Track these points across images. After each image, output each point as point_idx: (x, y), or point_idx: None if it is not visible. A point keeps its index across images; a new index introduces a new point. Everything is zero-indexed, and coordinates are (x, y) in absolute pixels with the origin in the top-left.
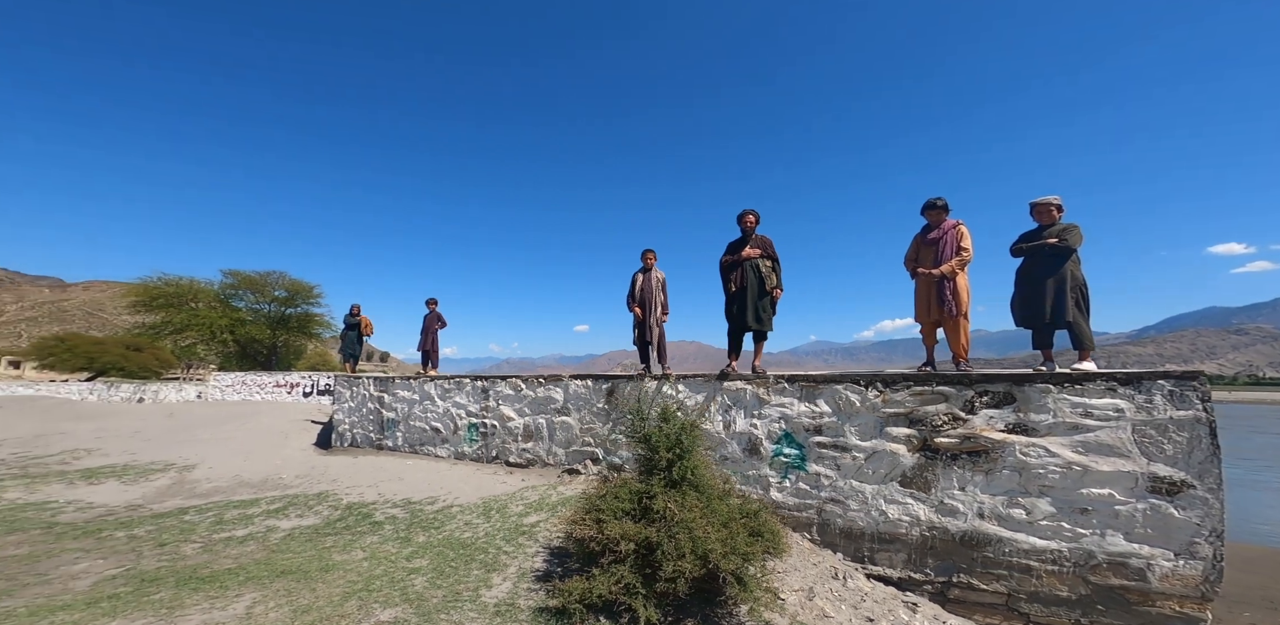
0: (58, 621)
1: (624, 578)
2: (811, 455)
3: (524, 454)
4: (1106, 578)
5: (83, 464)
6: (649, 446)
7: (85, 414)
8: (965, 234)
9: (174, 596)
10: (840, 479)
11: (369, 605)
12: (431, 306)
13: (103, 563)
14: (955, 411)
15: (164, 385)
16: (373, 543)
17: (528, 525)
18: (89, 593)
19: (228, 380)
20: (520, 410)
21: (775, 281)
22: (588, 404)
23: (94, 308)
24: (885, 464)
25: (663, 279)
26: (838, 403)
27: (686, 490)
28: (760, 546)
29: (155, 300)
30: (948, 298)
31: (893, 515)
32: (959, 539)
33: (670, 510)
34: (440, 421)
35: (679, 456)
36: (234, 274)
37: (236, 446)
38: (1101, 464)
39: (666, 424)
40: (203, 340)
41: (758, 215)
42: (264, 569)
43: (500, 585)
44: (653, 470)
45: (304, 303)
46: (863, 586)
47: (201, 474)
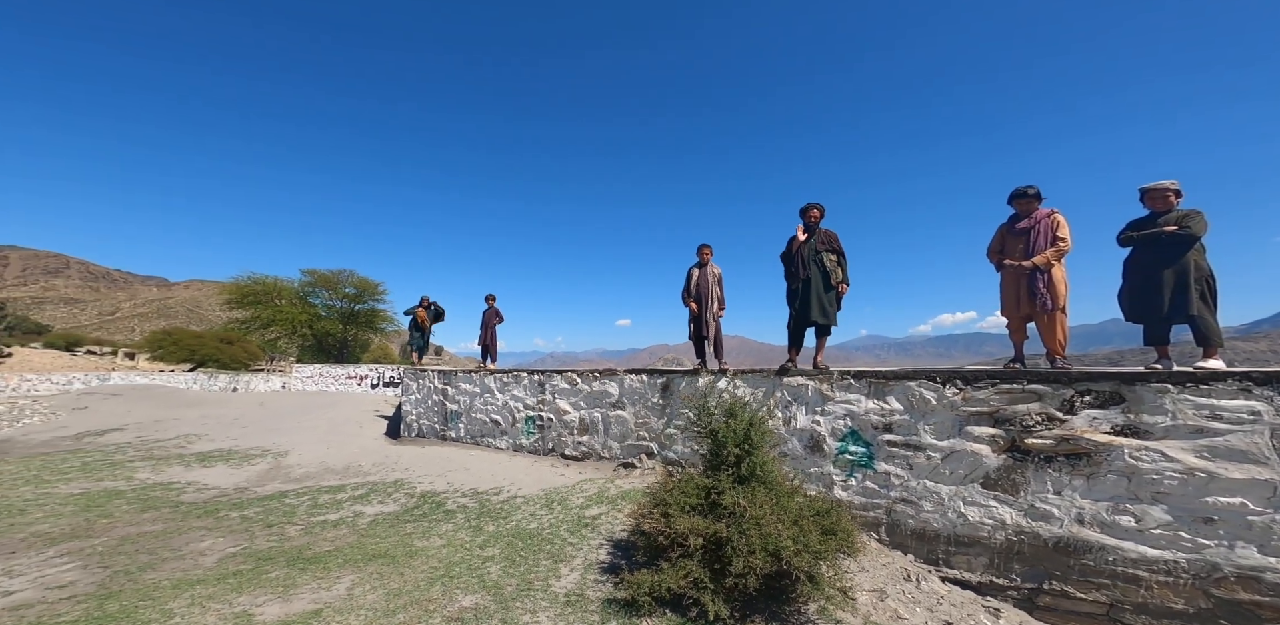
0: (196, 595)
1: (692, 572)
2: (880, 454)
3: (579, 447)
4: (1234, 592)
5: (195, 448)
6: (716, 442)
7: (191, 402)
8: (1062, 223)
9: (287, 575)
10: (912, 479)
11: (452, 591)
12: (490, 302)
13: (223, 541)
14: (1051, 411)
15: (254, 376)
16: (448, 531)
17: (589, 518)
18: (216, 569)
19: (307, 372)
20: (575, 404)
21: (840, 276)
22: (642, 399)
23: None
24: (965, 464)
25: (719, 274)
26: (910, 400)
27: (755, 486)
28: (833, 545)
29: (246, 298)
30: (1041, 290)
31: (973, 518)
32: (1052, 545)
33: (741, 506)
34: (499, 414)
35: (747, 452)
36: (311, 272)
37: (319, 435)
38: (1232, 471)
39: (733, 419)
40: (285, 334)
41: (823, 209)
42: (357, 552)
43: (569, 576)
44: (719, 466)
45: (370, 299)
46: (938, 589)
47: (294, 460)
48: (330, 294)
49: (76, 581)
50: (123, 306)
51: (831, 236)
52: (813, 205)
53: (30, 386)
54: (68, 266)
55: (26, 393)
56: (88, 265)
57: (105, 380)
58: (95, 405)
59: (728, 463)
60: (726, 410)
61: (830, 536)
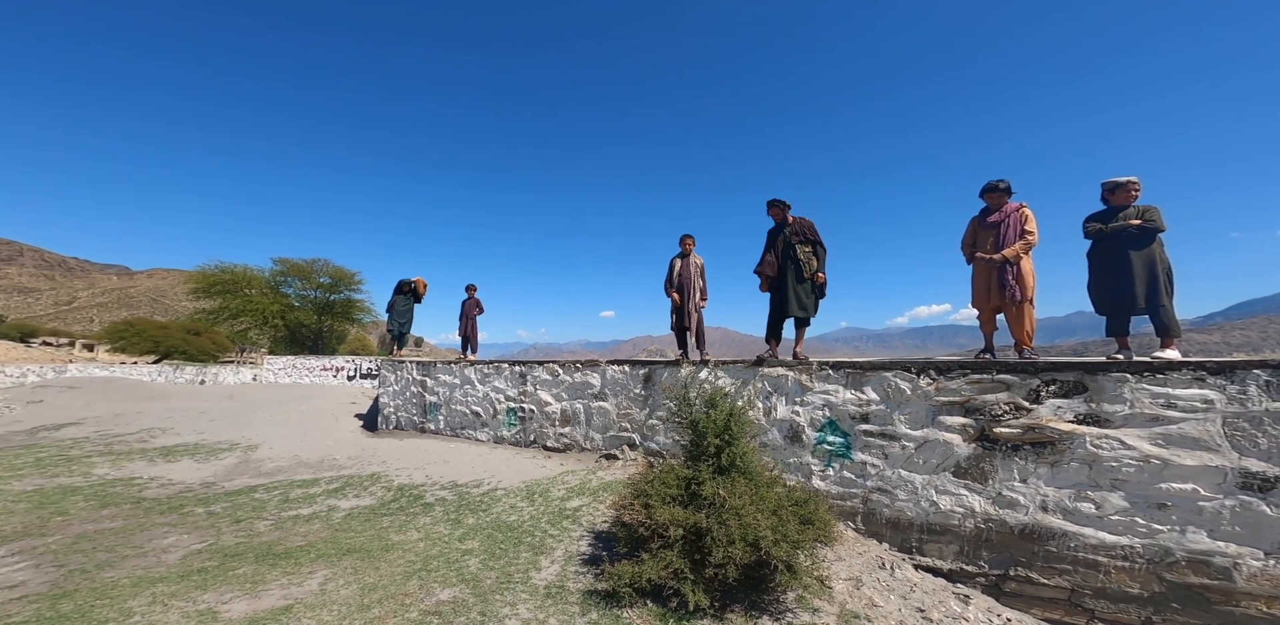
0: (158, 593)
1: (673, 563)
2: (857, 444)
3: (561, 439)
4: (1185, 576)
5: (159, 442)
6: (696, 432)
7: (155, 394)
8: (1030, 217)
9: (255, 572)
10: (888, 468)
11: (429, 585)
12: (470, 292)
13: (187, 537)
14: (1018, 401)
15: (223, 368)
16: (426, 524)
17: (570, 509)
18: (180, 566)
19: (279, 364)
20: (558, 395)
21: (816, 266)
22: (625, 390)
23: (158, 294)
24: (938, 454)
25: (701, 264)
26: (886, 390)
27: (735, 477)
28: (810, 534)
29: (213, 287)
30: (1010, 283)
31: (945, 506)
32: (1018, 532)
33: (720, 496)
34: (480, 406)
35: (727, 443)
36: (283, 262)
37: (293, 428)
38: (1185, 458)
39: (714, 410)
40: (256, 325)
41: (784, 205)
42: (331, 547)
43: (549, 568)
44: (700, 456)
45: (346, 289)
46: (911, 577)
47: (264, 454)
48: (304, 284)
49: (28, 581)
50: (80, 296)
51: (806, 226)
52: (774, 202)
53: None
54: (21, 254)
55: None
56: (42, 253)
57: (62, 372)
58: (51, 398)
59: (708, 453)
60: (707, 400)
61: (808, 526)
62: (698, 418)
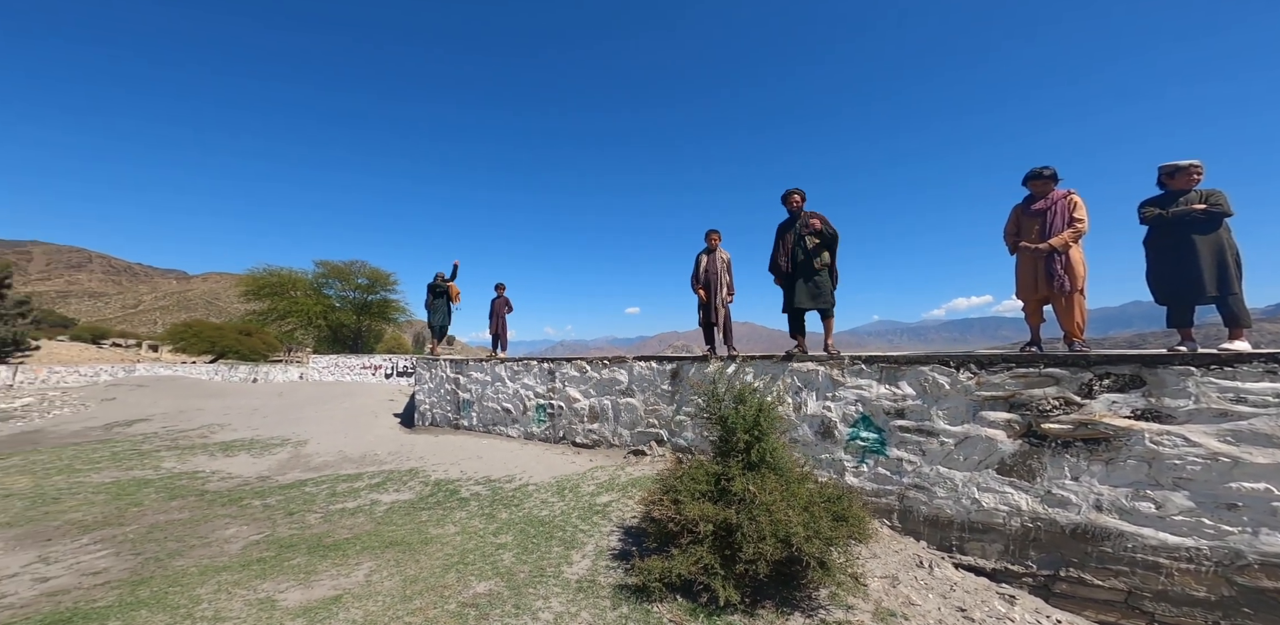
0: (223, 581)
1: (703, 558)
2: (892, 440)
3: (590, 435)
4: (1258, 580)
5: (218, 438)
6: (725, 428)
7: (213, 392)
8: (1079, 204)
9: (307, 563)
10: (925, 465)
11: (466, 577)
12: (500, 291)
13: (246, 529)
14: (1068, 395)
15: (273, 367)
16: (462, 518)
17: (600, 505)
18: (240, 556)
19: (323, 362)
20: (585, 391)
21: (826, 259)
22: (652, 386)
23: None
24: (980, 450)
25: (728, 259)
26: (923, 385)
27: (765, 473)
28: (844, 531)
29: (262, 290)
30: (1059, 272)
31: (988, 504)
32: (1069, 532)
33: (751, 492)
34: (510, 402)
35: (757, 438)
36: (324, 264)
37: (337, 424)
38: (1257, 456)
39: (743, 405)
40: (301, 325)
41: (803, 193)
42: (375, 540)
43: (580, 562)
44: (729, 452)
45: (382, 289)
46: (951, 576)
47: (312, 449)
48: (343, 285)
49: (110, 568)
50: (144, 299)
51: (815, 217)
52: (792, 191)
53: (59, 378)
54: (90, 261)
55: (55, 384)
56: (109, 259)
57: (131, 372)
58: (122, 396)
59: (737, 449)
60: (736, 396)
61: (841, 523)
62: (726, 413)
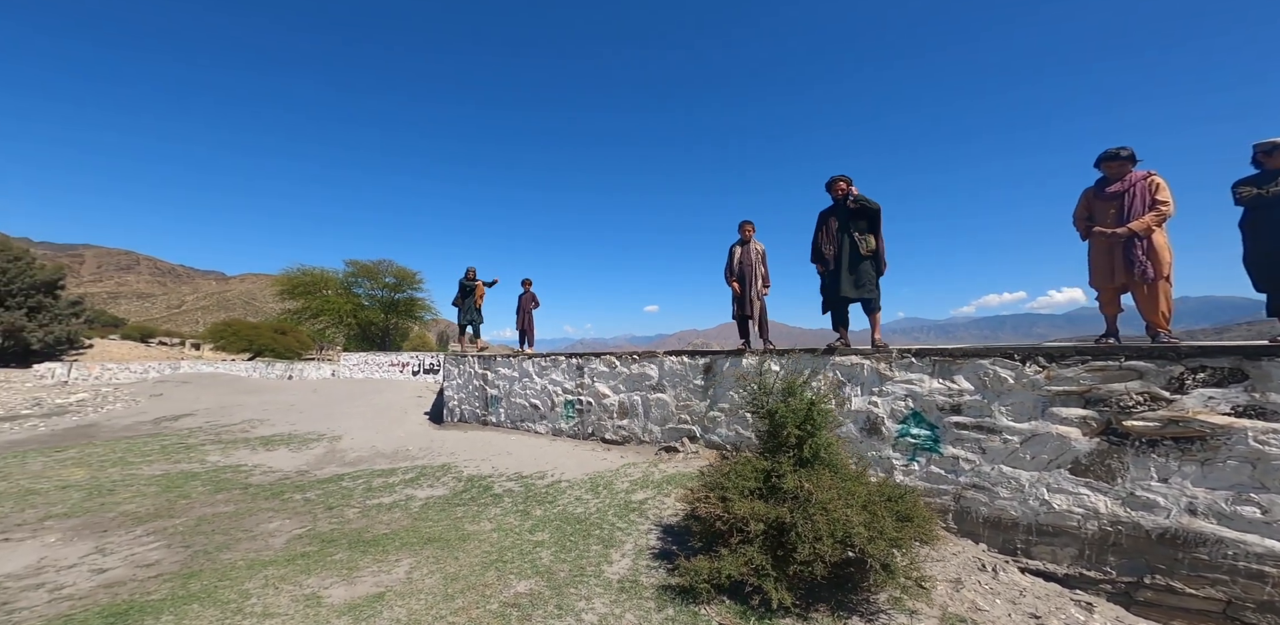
0: (269, 576)
1: (754, 559)
2: (947, 437)
3: (619, 431)
4: None
5: (258, 433)
6: (774, 422)
7: (252, 389)
8: (1162, 185)
9: (349, 558)
10: (985, 463)
11: (506, 576)
12: (526, 286)
13: (289, 522)
14: (1155, 390)
15: (306, 364)
16: (497, 515)
17: (636, 502)
18: (285, 550)
19: (354, 360)
20: (615, 387)
21: (872, 244)
22: (684, 381)
23: (250, 297)
24: (1049, 448)
25: (762, 251)
26: (982, 379)
27: (819, 469)
28: (909, 532)
29: (296, 289)
30: (1140, 259)
31: (1059, 506)
32: (1156, 537)
33: (805, 490)
34: (538, 398)
35: (809, 434)
36: (353, 263)
37: (369, 420)
38: None
39: (793, 398)
40: (333, 324)
41: (849, 180)
42: (413, 536)
43: (620, 561)
44: (778, 448)
45: (409, 288)
46: (1018, 581)
47: (347, 444)
48: (371, 283)
49: (162, 560)
50: (187, 300)
51: (861, 199)
52: (838, 178)
53: (111, 375)
54: (138, 263)
55: (109, 381)
56: (155, 261)
57: (176, 368)
58: (169, 392)
59: (788, 444)
60: (785, 389)
61: (906, 523)
62: (775, 407)
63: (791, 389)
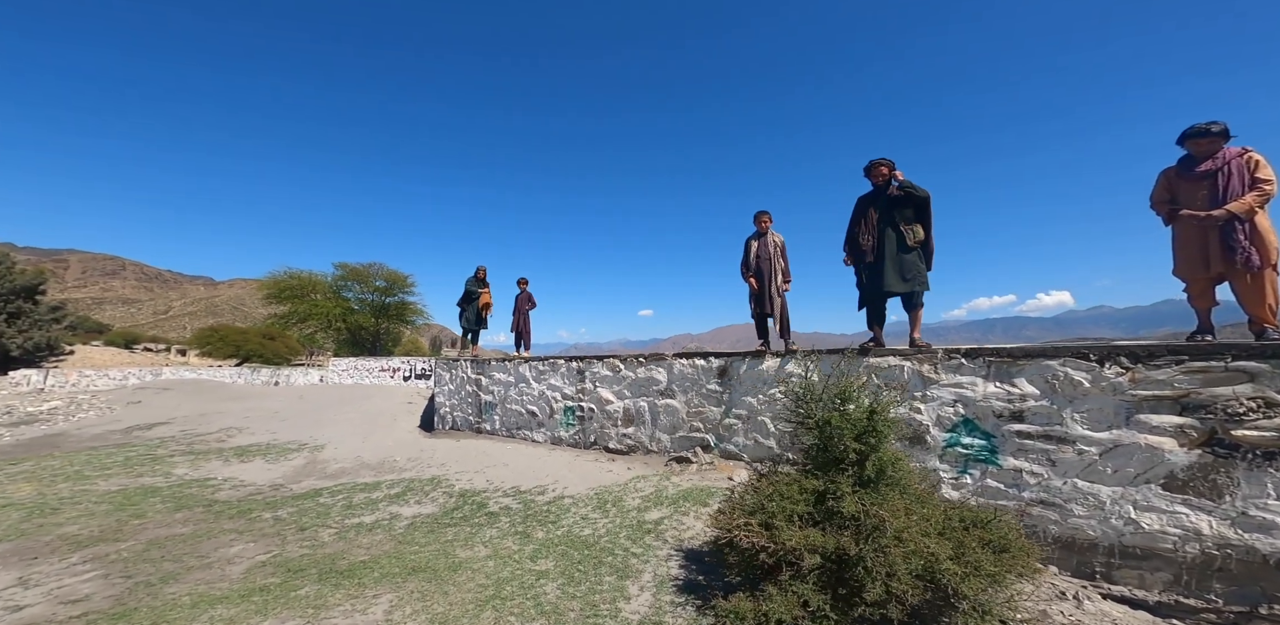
0: (216, 616)
1: (809, 599)
2: (1006, 447)
3: (624, 440)
4: None
5: (235, 442)
6: (825, 434)
7: (236, 395)
8: (1262, 162)
9: (317, 593)
10: (1056, 477)
11: (505, 617)
12: (522, 286)
13: (253, 546)
14: (1271, 395)
15: (294, 370)
16: (492, 537)
17: (650, 522)
18: (242, 582)
19: (342, 365)
20: (619, 393)
21: (921, 233)
22: (696, 385)
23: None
24: (1136, 461)
25: (781, 243)
26: (1050, 382)
27: (885, 491)
28: (1006, 566)
29: (283, 293)
30: (1242, 244)
31: (1150, 526)
32: (1276, 562)
33: (876, 516)
34: (536, 405)
35: (871, 448)
36: (342, 266)
37: (355, 428)
38: None
39: (849, 405)
40: (321, 328)
41: (891, 165)
42: (395, 564)
43: (639, 597)
44: (830, 464)
45: (400, 292)
46: (1106, 610)
47: (329, 455)
48: (361, 287)
49: (93, 594)
50: (174, 305)
51: (908, 185)
52: (879, 162)
53: (89, 382)
54: (124, 268)
55: (85, 388)
56: (142, 267)
57: (158, 375)
58: (148, 399)
59: (847, 460)
60: (839, 393)
61: (1002, 554)
62: (828, 417)
63: (846, 395)
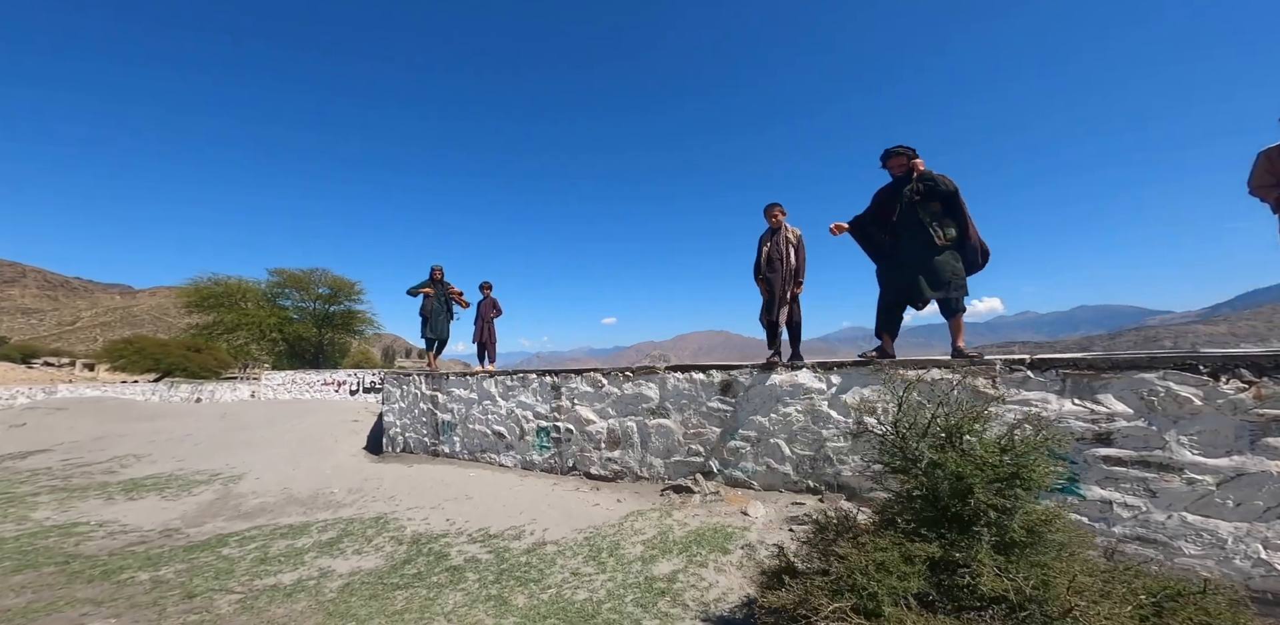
0: None
1: None
2: (1090, 475)
3: (609, 465)
4: None
5: (129, 473)
6: (933, 481)
7: (145, 415)
8: None
9: None
10: (1157, 510)
11: None
12: (486, 291)
13: (114, 623)
14: None
15: (220, 385)
16: (458, 605)
17: (661, 579)
18: None
19: (279, 379)
20: (602, 411)
21: (952, 233)
22: (694, 402)
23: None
24: (1268, 493)
25: (798, 236)
26: (1147, 399)
27: (1042, 558)
28: None
29: (206, 300)
30: None
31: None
32: None
33: (1075, 605)
34: (503, 425)
35: (1015, 502)
36: (279, 272)
37: (286, 451)
38: None
39: (971, 441)
40: (253, 339)
41: (913, 152)
42: None
43: None
44: (945, 521)
45: (347, 299)
46: None
47: (248, 486)
48: (302, 295)
49: None
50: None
51: (936, 181)
52: (898, 151)
53: None
54: (24, 276)
55: None
56: (45, 274)
57: (52, 393)
58: (37, 421)
59: (980, 521)
60: (949, 427)
61: None
62: (943, 459)
63: (961, 427)
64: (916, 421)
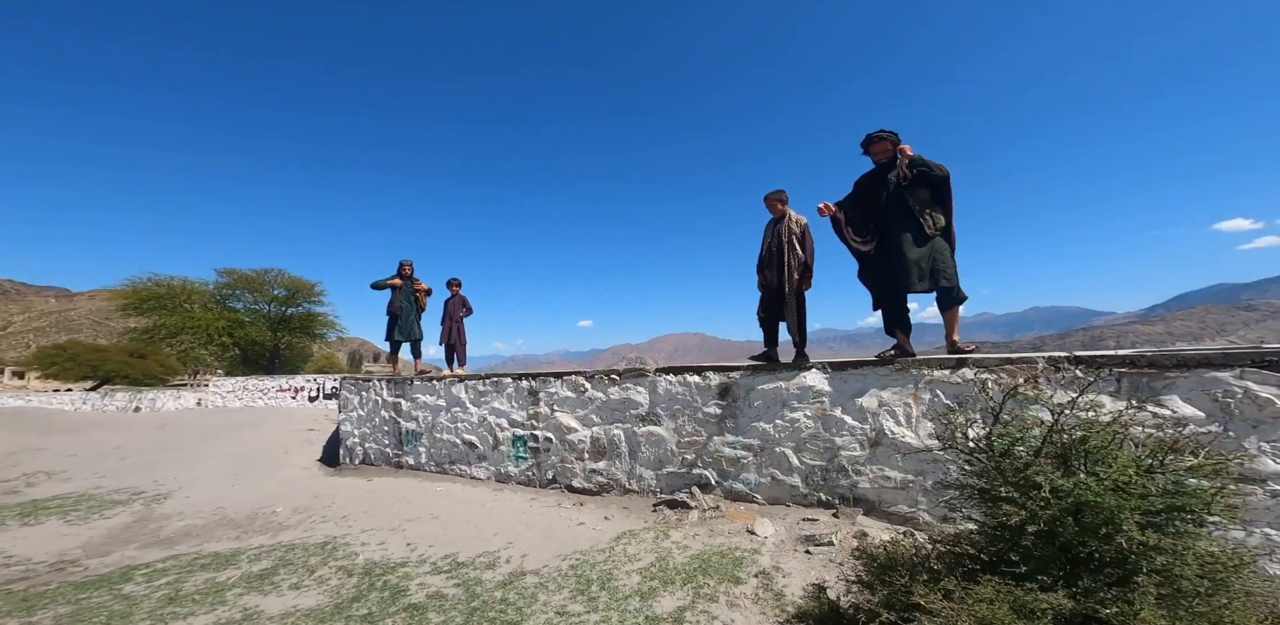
0: None
1: None
2: None
3: (593, 477)
4: None
5: (33, 494)
6: (1051, 513)
7: (71, 426)
8: None
9: None
10: (1233, 526)
11: None
12: (454, 289)
13: None
14: None
15: (162, 393)
16: None
17: (667, 619)
18: None
19: (228, 386)
20: (586, 418)
21: (942, 221)
22: (689, 408)
23: (100, 317)
24: None
25: (802, 225)
26: (1222, 401)
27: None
28: None
29: (145, 303)
30: None
31: None
32: None
33: None
34: (475, 434)
35: (1183, 541)
36: (229, 273)
37: (227, 465)
38: None
39: (1098, 464)
40: (200, 344)
41: (896, 138)
42: None
43: None
44: (1062, 562)
45: (305, 302)
46: None
47: (174, 506)
48: (255, 297)
49: None
50: (15, 320)
51: (924, 163)
52: (881, 135)
53: None
54: None
55: None
56: None
57: None
58: None
59: (1128, 571)
60: (1070, 444)
61: None
62: (1073, 488)
63: (1086, 442)
64: (1025, 437)
